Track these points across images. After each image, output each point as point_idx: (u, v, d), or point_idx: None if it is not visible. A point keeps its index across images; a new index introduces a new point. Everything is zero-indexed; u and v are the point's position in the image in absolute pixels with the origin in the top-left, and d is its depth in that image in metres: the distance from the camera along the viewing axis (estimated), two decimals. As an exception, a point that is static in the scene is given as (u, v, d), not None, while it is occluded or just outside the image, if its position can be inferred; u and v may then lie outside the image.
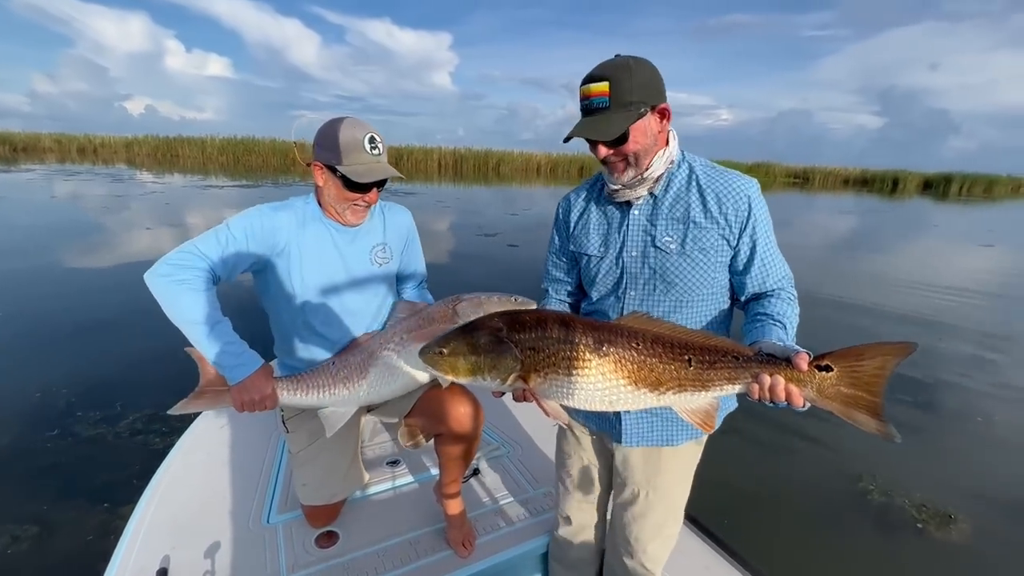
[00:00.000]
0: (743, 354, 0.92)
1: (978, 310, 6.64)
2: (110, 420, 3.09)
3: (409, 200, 15.79)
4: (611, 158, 1.10)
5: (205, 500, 1.73)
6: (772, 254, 1.15)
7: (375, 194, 1.43)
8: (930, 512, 2.63)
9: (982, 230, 16.38)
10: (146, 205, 12.49)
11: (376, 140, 1.38)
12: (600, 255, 1.23)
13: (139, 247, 7.81)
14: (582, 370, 0.92)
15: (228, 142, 35.30)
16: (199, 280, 1.28)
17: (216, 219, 9.27)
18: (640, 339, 0.94)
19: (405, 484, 1.91)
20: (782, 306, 1.10)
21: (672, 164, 1.15)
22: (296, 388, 1.38)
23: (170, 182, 18.78)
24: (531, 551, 1.63)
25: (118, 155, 35.56)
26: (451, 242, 9.50)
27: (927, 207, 25.75)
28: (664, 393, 0.94)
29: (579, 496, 1.46)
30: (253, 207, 1.39)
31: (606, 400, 0.95)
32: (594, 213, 1.25)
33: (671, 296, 1.16)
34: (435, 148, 38.81)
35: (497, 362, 0.94)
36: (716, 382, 0.93)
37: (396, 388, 1.41)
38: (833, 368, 0.88)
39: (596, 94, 1.05)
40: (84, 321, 4.70)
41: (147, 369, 3.80)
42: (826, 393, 0.88)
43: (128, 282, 6.01)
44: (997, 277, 8.89)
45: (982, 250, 12.10)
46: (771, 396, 0.88)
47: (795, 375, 0.88)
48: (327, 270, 1.46)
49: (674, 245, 1.13)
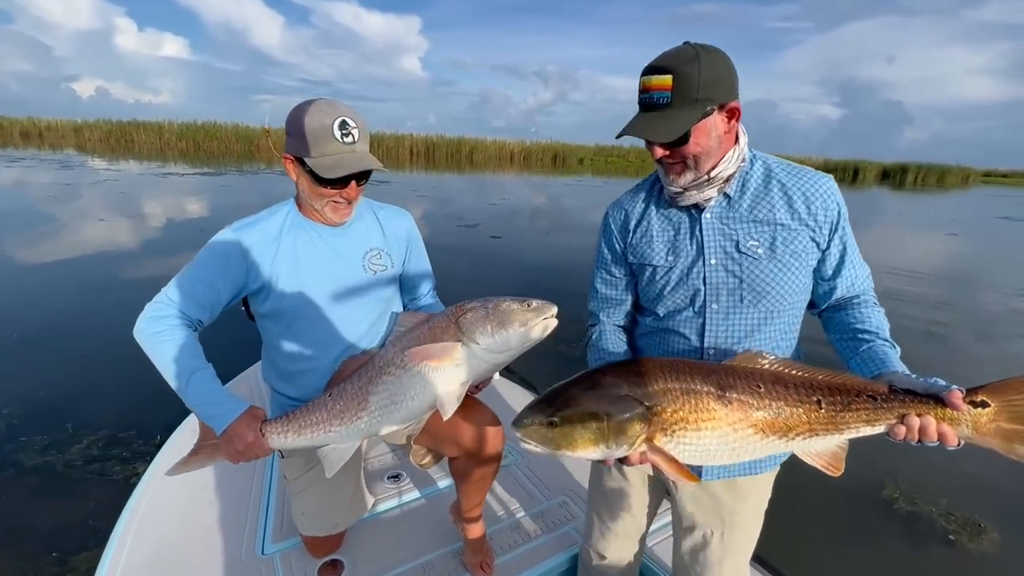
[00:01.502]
0: (879, 393, 0.86)
1: (971, 298, 6.75)
2: (59, 446, 2.69)
3: (382, 189, 15.27)
4: (667, 159, 1.00)
5: (188, 532, 1.55)
6: (857, 255, 1.07)
7: (355, 189, 1.26)
8: (959, 521, 2.53)
9: (943, 219, 16.97)
10: (99, 194, 11.66)
11: (349, 125, 1.20)
12: (668, 265, 1.08)
13: (92, 241, 7.19)
14: (709, 422, 0.85)
15: (188, 127, 33.83)
16: (174, 331, 1.19)
17: (179, 208, 8.66)
18: (761, 381, 0.87)
19: (412, 500, 1.77)
20: (877, 317, 1.03)
21: (744, 163, 1.04)
22: (287, 430, 1.21)
23: (125, 169, 17.70)
24: (553, 568, 1.52)
25: (66, 140, 33.56)
26: (431, 234, 9.15)
27: (887, 197, 26.60)
28: (793, 439, 0.88)
29: (618, 532, 1.31)
30: (222, 230, 1.25)
31: (734, 452, 0.87)
32: (655, 218, 1.11)
33: (761, 307, 1.04)
34: (407, 135, 37.95)
35: (624, 425, 0.83)
36: (852, 424, 0.87)
37: (401, 418, 1.20)
38: (990, 403, 0.82)
39: (656, 88, 0.94)
40: (25, 327, 4.20)
41: (102, 382, 3.39)
42: (983, 430, 0.83)
43: (79, 281, 5.48)
44: (977, 264, 9.13)
45: (948, 239, 12.48)
46: (921, 437, 0.83)
47: (947, 414, 0.82)
48: (312, 282, 1.29)
49: (762, 249, 1.01)
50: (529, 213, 12.67)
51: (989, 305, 6.60)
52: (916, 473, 2.91)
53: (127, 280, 5.62)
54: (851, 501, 2.69)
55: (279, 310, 1.29)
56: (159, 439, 1.96)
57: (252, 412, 1.18)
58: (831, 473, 0.91)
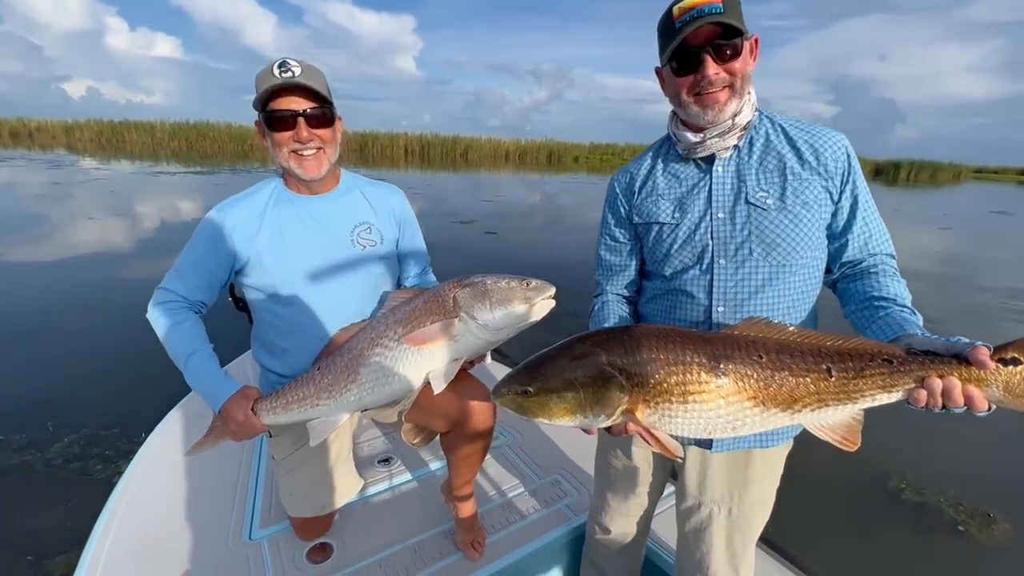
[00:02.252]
0: (896, 356, 0.78)
1: (969, 288, 6.72)
2: (39, 444, 2.59)
3: (377, 187, 15.17)
4: (719, 80, 0.94)
5: (174, 519, 1.52)
6: (873, 213, 1.01)
7: (305, 128, 1.21)
8: (968, 511, 2.47)
9: (937, 214, 17.01)
10: (89, 193, 11.50)
11: (290, 64, 1.19)
12: (675, 222, 1.04)
13: (80, 240, 7.06)
14: (699, 394, 0.80)
15: (180, 127, 33.62)
16: (174, 315, 1.21)
17: (170, 207, 8.56)
18: (762, 349, 0.81)
19: (402, 483, 1.75)
20: (896, 286, 0.95)
21: (756, 112, 1.02)
22: (276, 406, 1.20)
23: (116, 169, 17.52)
24: (546, 545, 1.50)
25: (57, 140, 33.24)
26: (427, 230, 8.92)
27: (881, 192, 26.69)
28: (800, 411, 0.81)
29: (623, 508, 1.29)
30: (210, 211, 1.26)
31: (729, 426, 0.82)
32: (660, 176, 1.09)
33: (770, 261, 0.98)
34: (401, 134, 37.85)
35: (601, 396, 0.80)
36: (867, 392, 0.79)
37: (390, 393, 1.18)
38: (1022, 360, 0.73)
39: (706, 1, 0.89)
40: (11, 324, 4.09)
41: (84, 380, 3.28)
42: (1016, 391, 0.74)
43: (64, 280, 5.36)
44: (973, 256, 9.13)
45: (943, 233, 12.49)
46: (945, 402, 0.74)
47: (974, 374, 0.74)
48: (297, 256, 1.27)
49: (771, 200, 0.98)
50: (524, 210, 12.59)
51: (984, 297, 6.58)
52: (923, 463, 2.86)
53: (113, 278, 5.51)
54: (857, 491, 2.63)
55: (265, 285, 1.27)
56: (143, 436, 1.88)
57: (244, 392, 1.18)
58: (847, 448, 0.83)
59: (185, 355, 1.17)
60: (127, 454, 2.49)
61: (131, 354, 3.58)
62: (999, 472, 2.86)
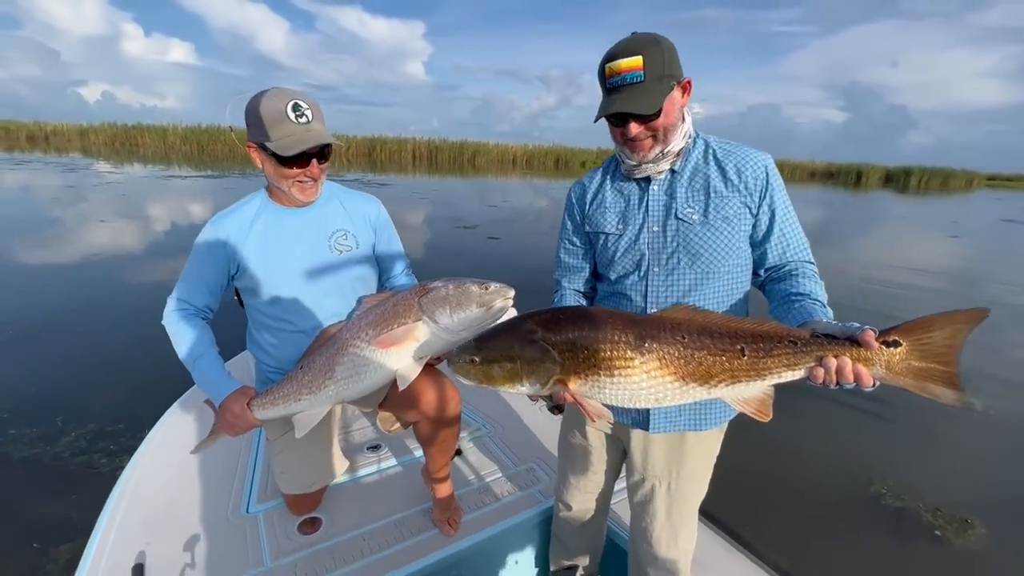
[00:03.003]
0: (800, 338, 0.89)
1: (966, 300, 6.71)
2: (48, 438, 2.72)
3: (384, 191, 15.33)
4: (641, 135, 1.09)
5: (180, 493, 1.68)
6: (792, 224, 1.14)
7: (316, 167, 1.37)
8: (946, 517, 2.52)
9: (946, 222, 16.88)
10: (101, 196, 11.74)
11: (302, 107, 1.30)
12: (618, 232, 1.20)
13: (90, 243, 7.24)
14: (625, 369, 0.90)
15: (192, 131, 34.01)
16: (183, 323, 1.37)
17: (178, 211, 8.73)
18: (685, 331, 0.91)
19: (388, 467, 1.89)
20: (812, 285, 1.08)
21: (689, 139, 1.16)
22: (265, 402, 1.36)
23: (129, 172, 17.84)
24: (518, 525, 1.63)
25: (72, 143, 33.79)
26: (429, 235, 9.18)
27: (890, 199, 26.51)
28: (716, 386, 0.91)
29: (583, 487, 1.43)
30: (206, 224, 1.40)
31: (652, 397, 0.92)
32: (609, 192, 1.24)
33: (696, 269, 1.14)
34: (409, 139, 38.05)
35: (535, 367, 0.92)
36: (774, 370, 0.89)
37: (362, 388, 1.33)
38: (902, 343, 0.84)
39: (629, 69, 1.04)
40: (24, 324, 4.24)
41: (93, 378, 3.41)
42: (896, 369, 0.85)
43: (75, 282, 5.52)
44: (976, 265, 9.08)
45: (950, 241, 12.42)
46: (838, 379, 0.85)
47: (862, 354, 0.85)
48: (280, 262, 1.42)
49: (696, 216, 1.12)
50: (529, 215, 12.69)
51: (997, 315, 6.56)
52: (904, 469, 2.90)
53: (122, 280, 5.66)
54: (837, 496, 2.68)
55: (254, 287, 1.43)
56: (147, 432, 2.00)
57: (242, 390, 1.33)
58: (760, 419, 0.94)
59: (193, 358, 1.34)
60: (130, 449, 2.57)
61: (138, 352, 3.71)
62: (977, 478, 2.91)
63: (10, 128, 36.41)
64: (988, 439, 3.37)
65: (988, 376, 4.25)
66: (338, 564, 1.43)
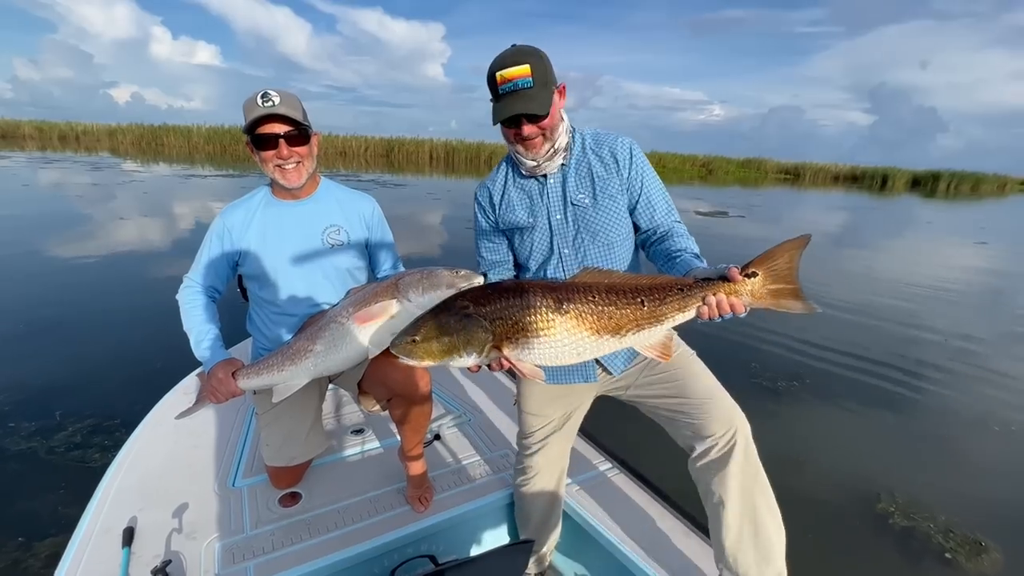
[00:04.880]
0: (685, 284, 1.05)
1: (987, 310, 6.45)
2: (45, 432, 2.75)
3: (399, 192, 15.43)
4: (533, 133, 1.23)
5: (173, 466, 1.81)
6: (658, 192, 1.34)
7: (285, 148, 1.47)
8: (958, 539, 2.38)
9: (973, 228, 16.32)
10: (124, 194, 12.05)
11: (270, 95, 1.44)
12: (531, 224, 1.36)
13: (108, 239, 7.41)
14: (548, 330, 1.01)
15: (215, 131, 34.70)
16: (192, 300, 1.54)
17: (198, 208, 8.90)
18: (595, 291, 1.04)
19: (369, 449, 2.00)
20: (686, 242, 1.24)
21: (570, 135, 1.33)
22: (250, 372, 1.48)
23: (153, 171, 18.29)
24: (488, 504, 1.73)
25: (101, 143, 34.79)
26: (440, 236, 9.18)
27: (917, 204, 25.75)
28: (625, 336, 1.05)
29: (539, 466, 1.53)
30: (217, 215, 1.57)
31: (574, 352, 1.04)
32: (513, 191, 1.38)
33: (598, 243, 1.32)
34: (426, 140, 38.29)
35: (470, 338, 1.01)
36: (669, 314, 1.05)
37: (341, 360, 1.47)
38: (758, 273, 1.03)
39: (519, 76, 1.18)
40: (33, 317, 4.33)
41: (97, 373, 3.46)
42: (758, 294, 1.04)
43: (88, 277, 5.64)
44: (1000, 276, 8.74)
45: (977, 247, 11.99)
46: (719, 311, 1.02)
47: (732, 287, 1.02)
48: (277, 251, 1.56)
49: (587, 200, 1.31)
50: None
51: (1015, 322, 6.29)
52: (914, 485, 2.76)
53: (135, 274, 5.77)
54: (843, 513, 2.56)
55: (253, 273, 1.58)
56: (162, 392, 2.18)
57: (230, 360, 1.47)
58: (663, 359, 1.10)
59: (192, 328, 1.50)
60: (122, 444, 2.61)
61: (141, 349, 3.76)
62: (993, 498, 2.75)
63: (43, 128, 37.64)
64: (1006, 457, 3.20)
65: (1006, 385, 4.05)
66: (313, 534, 1.53)
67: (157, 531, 1.50)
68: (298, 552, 1.46)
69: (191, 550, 1.45)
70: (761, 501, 1.26)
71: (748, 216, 14.72)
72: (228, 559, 1.42)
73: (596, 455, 1.95)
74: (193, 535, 1.50)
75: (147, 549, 1.44)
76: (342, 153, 35.42)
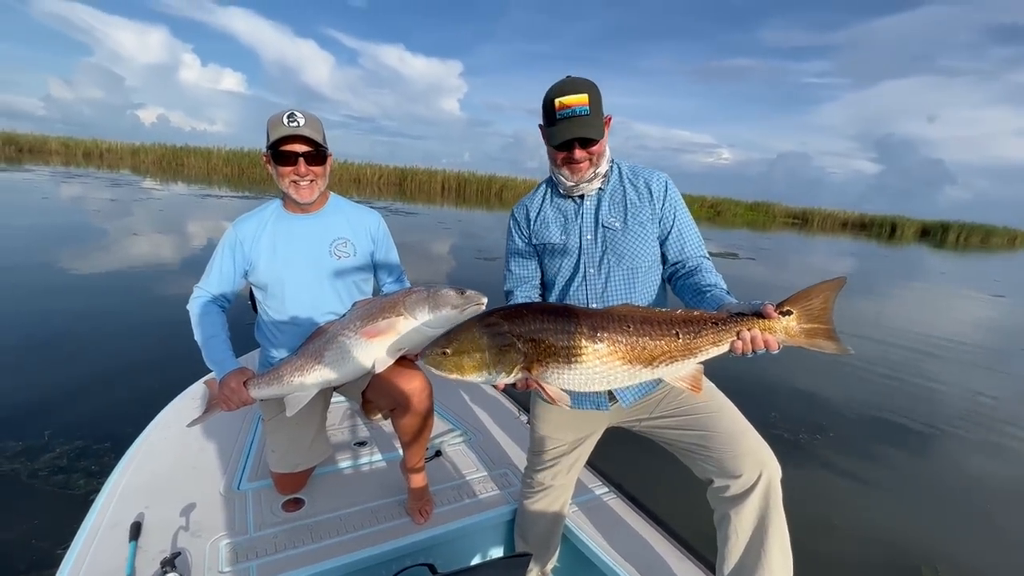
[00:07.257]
0: (720, 319, 1.05)
1: (1012, 366, 6.24)
2: (31, 453, 2.63)
3: (410, 220, 15.55)
4: (583, 157, 1.30)
5: (180, 468, 1.86)
6: (689, 227, 1.39)
7: (303, 165, 1.53)
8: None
9: (987, 280, 16.11)
10: (140, 211, 12.20)
11: (296, 116, 1.50)
12: (562, 242, 1.41)
13: (117, 255, 7.43)
14: (580, 356, 1.01)
15: (234, 153, 35.55)
16: (202, 308, 1.58)
17: (211, 227, 8.94)
18: (630, 321, 1.04)
19: (372, 461, 2.04)
20: (715, 277, 1.28)
21: (610, 164, 1.41)
22: (261, 381, 1.53)
23: (171, 190, 18.63)
24: (487, 520, 1.75)
25: (124, 161, 35.71)
26: (449, 264, 9.16)
27: (927, 254, 25.60)
28: (657, 366, 1.05)
29: (545, 476, 1.53)
30: (230, 226, 1.62)
31: (604, 380, 1.05)
32: (549, 210, 1.45)
33: (623, 266, 1.36)
34: (439, 171, 38.90)
35: (502, 356, 1.01)
36: (703, 347, 1.05)
37: (347, 373, 1.52)
38: (793, 311, 1.04)
39: (577, 104, 1.25)
40: (35, 332, 4.26)
41: (94, 392, 3.35)
42: (792, 332, 1.05)
43: (94, 293, 5.60)
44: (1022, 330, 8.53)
45: (995, 300, 11.78)
46: (753, 347, 1.03)
47: (767, 324, 1.03)
48: (285, 262, 1.61)
49: (618, 223, 1.37)
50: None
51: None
52: (958, 553, 2.56)
53: (141, 290, 5.72)
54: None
55: (262, 283, 1.64)
56: (170, 396, 2.20)
57: (241, 370, 1.53)
58: (695, 392, 1.09)
59: (206, 337, 1.55)
60: (109, 470, 2.48)
61: (139, 369, 3.66)
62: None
63: (69, 144, 38.69)
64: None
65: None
66: (314, 539, 1.56)
67: (164, 527, 1.54)
68: (299, 555, 1.49)
69: (196, 547, 1.49)
70: (775, 541, 1.22)
71: (758, 259, 14.64)
72: (232, 557, 1.46)
73: (593, 479, 1.97)
74: (199, 533, 1.54)
75: (153, 544, 1.47)
76: (356, 180, 35.99)
